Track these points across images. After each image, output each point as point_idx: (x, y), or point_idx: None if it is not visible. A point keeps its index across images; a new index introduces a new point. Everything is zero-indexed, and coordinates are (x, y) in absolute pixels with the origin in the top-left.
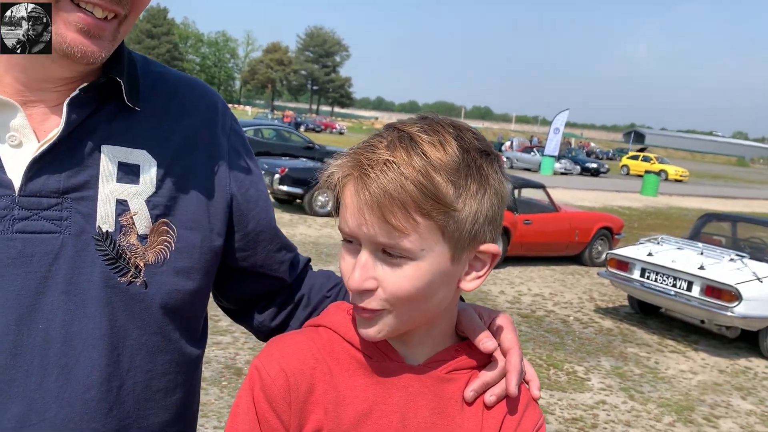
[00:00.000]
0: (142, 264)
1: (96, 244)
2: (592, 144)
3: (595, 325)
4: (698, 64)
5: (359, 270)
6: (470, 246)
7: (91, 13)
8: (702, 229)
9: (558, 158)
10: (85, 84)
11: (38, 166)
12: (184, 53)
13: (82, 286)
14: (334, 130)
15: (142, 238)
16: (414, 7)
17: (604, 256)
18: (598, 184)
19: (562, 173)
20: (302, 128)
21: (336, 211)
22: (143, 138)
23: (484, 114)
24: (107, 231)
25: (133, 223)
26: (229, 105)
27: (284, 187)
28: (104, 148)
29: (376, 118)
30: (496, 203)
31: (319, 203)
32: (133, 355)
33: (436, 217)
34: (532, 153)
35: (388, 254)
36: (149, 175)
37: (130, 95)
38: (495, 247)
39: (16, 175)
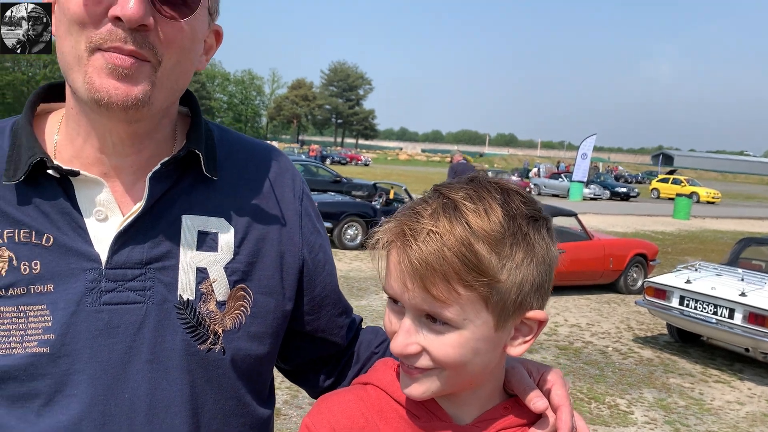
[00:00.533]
0: (220, 330)
1: (177, 312)
2: (621, 168)
3: (635, 356)
4: (724, 82)
5: (402, 335)
6: (516, 314)
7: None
8: (741, 254)
9: (587, 183)
10: (166, 158)
11: (123, 239)
12: (211, 92)
13: (165, 355)
14: (359, 162)
15: (221, 304)
16: (435, 38)
17: (640, 283)
18: (628, 208)
19: (591, 198)
20: (328, 161)
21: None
22: (221, 206)
23: (509, 141)
24: (188, 299)
25: (213, 290)
26: None
27: None
28: (184, 218)
29: (401, 149)
30: (544, 270)
31: (349, 236)
32: (211, 420)
33: (479, 288)
34: (560, 179)
35: (432, 319)
36: (227, 242)
37: (208, 166)
38: (542, 314)
39: (102, 249)
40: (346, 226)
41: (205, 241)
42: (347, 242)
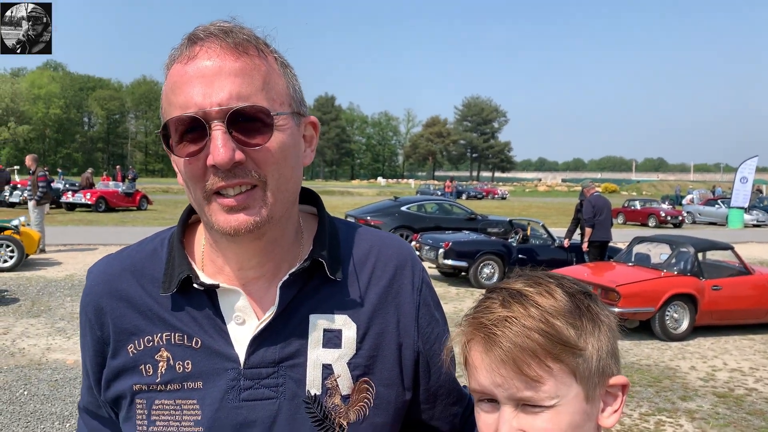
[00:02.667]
0: (345, 423)
1: (306, 406)
2: None
3: None
4: None
5: (505, 426)
6: (600, 382)
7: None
8: None
9: (748, 209)
10: (294, 269)
11: (258, 341)
12: (351, 135)
13: None
14: (496, 196)
15: (345, 398)
16: (570, 61)
17: None
18: None
19: (754, 225)
20: (464, 196)
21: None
22: (344, 303)
23: (658, 166)
24: (315, 394)
25: (337, 385)
26: (393, 180)
27: (449, 261)
28: (312, 318)
29: (539, 180)
30: (612, 336)
31: (485, 275)
32: None
33: (566, 359)
34: (717, 205)
35: (528, 406)
36: (350, 338)
37: (332, 269)
38: (623, 378)
39: (241, 350)
40: (482, 265)
41: (330, 339)
42: (484, 281)
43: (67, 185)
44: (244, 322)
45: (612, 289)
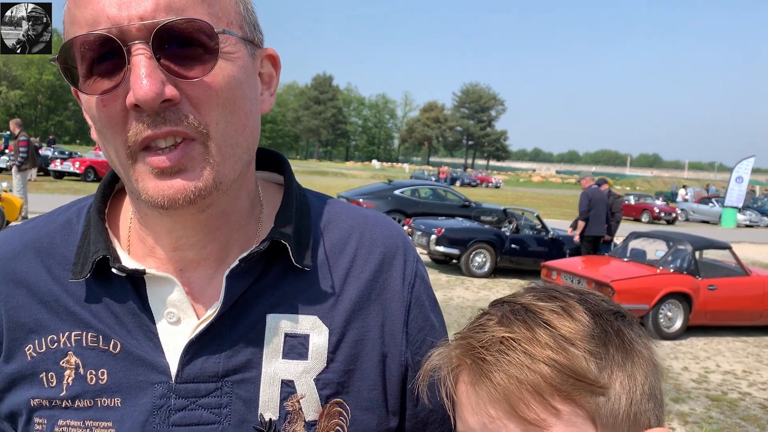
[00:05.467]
0: None
1: None
2: None
3: None
4: None
5: None
6: None
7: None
8: None
9: (741, 209)
10: (245, 254)
11: (196, 348)
12: (347, 116)
13: None
14: (490, 184)
15: (310, 425)
16: (570, 53)
17: None
18: None
19: (746, 226)
20: (458, 183)
21: (450, 408)
22: (313, 300)
23: (653, 162)
24: (270, 419)
25: (300, 409)
26: (388, 163)
27: (441, 248)
28: (269, 318)
29: (534, 170)
30: (651, 373)
31: (476, 264)
32: None
33: (581, 399)
34: (711, 204)
35: None
36: (319, 346)
37: (298, 254)
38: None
39: (173, 357)
40: (474, 253)
41: (293, 347)
42: (475, 270)
43: (56, 153)
44: (178, 321)
45: (606, 284)
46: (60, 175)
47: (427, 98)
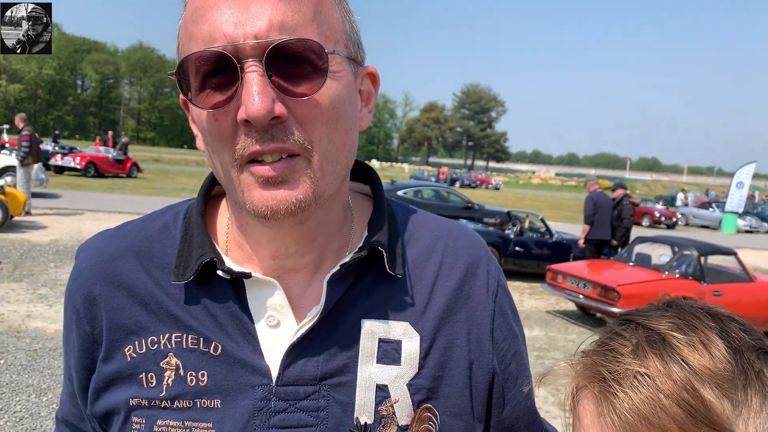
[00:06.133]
0: None
1: None
2: None
3: None
4: None
5: None
6: None
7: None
8: None
9: (741, 215)
10: (346, 259)
11: (296, 351)
12: None
13: None
14: (489, 186)
15: (403, 429)
16: (572, 55)
17: None
18: None
19: (746, 231)
20: (457, 184)
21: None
22: (405, 307)
23: (652, 165)
24: (365, 423)
25: (394, 413)
26: (387, 162)
27: None
28: (364, 324)
29: (533, 172)
30: None
31: None
32: None
33: None
34: (711, 209)
35: None
36: (411, 352)
37: (392, 262)
38: None
39: (273, 361)
40: None
41: (387, 352)
42: None
43: (56, 148)
44: (278, 325)
45: (612, 289)
46: (60, 170)
47: (428, 98)
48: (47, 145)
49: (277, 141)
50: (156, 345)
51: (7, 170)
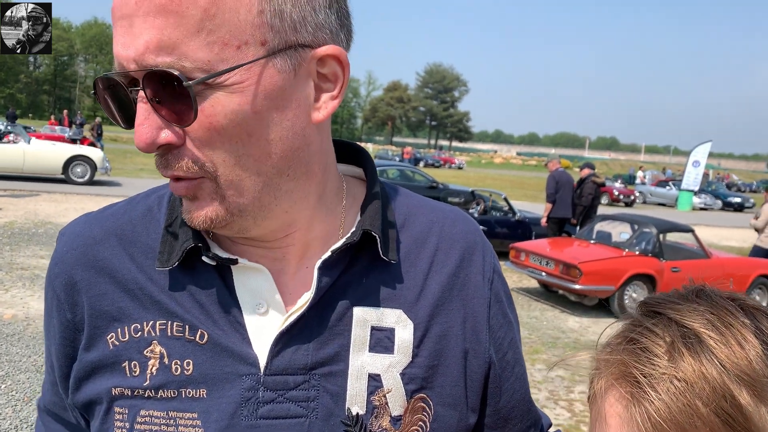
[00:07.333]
0: None
1: (345, 430)
2: (733, 176)
3: None
4: None
5: None
6: None
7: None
8: None
9: (697, 193)
10: (337, 245)
11: (285, 339)
12: None
13: None
14: (453, 165)
15: (396, 420)
16: (533, 35)
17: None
18: (743, 220)
19: (701, 209)
20: (421, 164)
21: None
22: (398, 294)
23: (610, 144)
24: (357, 414)
25: (386, 403)
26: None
27: None
28: (356, 311)
29: (495, 151)
30: None
31: None
32: None
33: None
34: (668, 187)
35: None
36: (405, 340)
37: (384, 247)
38: None
39: (261, 350)
40: None
41: (380, 340)
42: None
43: (8, 128)
44: (266, 312)
45: (574, 266)
46: None
47: (391, 78)
48: None
49: (170, 168)
50: (139, 332)
51: None
